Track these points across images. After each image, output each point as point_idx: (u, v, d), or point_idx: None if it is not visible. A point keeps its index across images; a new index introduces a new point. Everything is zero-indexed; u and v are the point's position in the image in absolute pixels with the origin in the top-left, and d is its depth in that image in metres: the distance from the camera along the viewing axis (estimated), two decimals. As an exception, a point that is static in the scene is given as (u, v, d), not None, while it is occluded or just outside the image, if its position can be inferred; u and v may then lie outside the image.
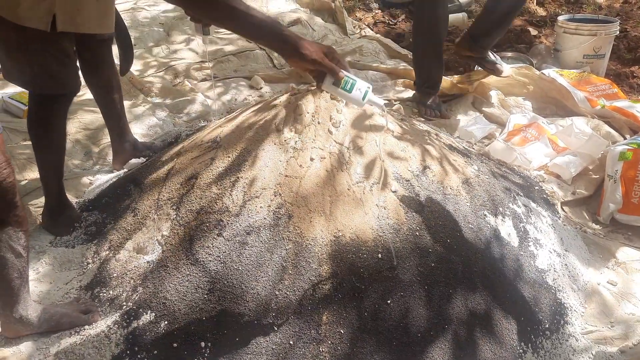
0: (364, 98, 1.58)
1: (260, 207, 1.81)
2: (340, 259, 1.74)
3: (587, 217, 2.53)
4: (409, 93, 3.47)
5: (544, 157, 2.77)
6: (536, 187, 2.51)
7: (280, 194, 1.82)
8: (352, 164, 1.87)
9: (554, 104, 3.36)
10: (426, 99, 3.26)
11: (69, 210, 2.24)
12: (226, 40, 3.88)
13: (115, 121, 2.59)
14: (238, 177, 1.87)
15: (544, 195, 2.48)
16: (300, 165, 1.85)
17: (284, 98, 2.05)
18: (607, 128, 3.02)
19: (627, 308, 2.05)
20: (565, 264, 2.11)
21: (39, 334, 1.78)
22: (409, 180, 1.91)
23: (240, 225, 1.79)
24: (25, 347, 1.77)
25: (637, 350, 1.92)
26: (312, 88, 2.01)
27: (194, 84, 3.43)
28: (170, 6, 3.88)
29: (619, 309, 2.04)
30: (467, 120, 3.13)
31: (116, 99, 2.53)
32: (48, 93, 2.08)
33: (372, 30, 4.31)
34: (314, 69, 1.54)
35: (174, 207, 1.92)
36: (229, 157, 1.94)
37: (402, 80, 3.55)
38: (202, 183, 1.92)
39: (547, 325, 1.88)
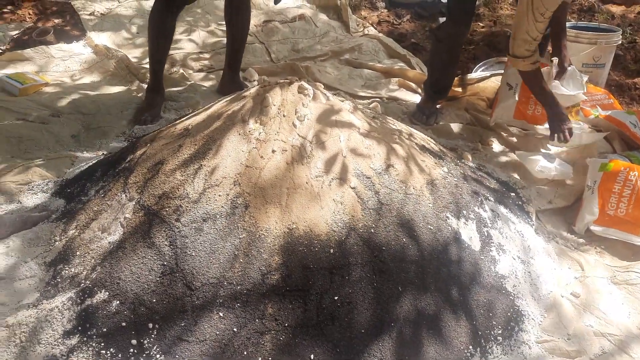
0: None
1: (219, 195, 1.83)
2: (291, 251, 1.75)
3: (562, 227, 2.51)
4: (402, 92, 3.46)
5: None
6: (512, 194, 2.49)
7: (239, 184, 1.85)
8: (313, 158, 1.88)
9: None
10: (423, 102, 3.25)
11: (160, 93, 3.07)
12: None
13: (234, 56, 3.23)
14: (201, 165, 1.90)
15: (519, 202, 2.46)
16: (262, 157, 1.87)
17: (254, 90, 2.07)
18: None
19: (588, 321, 2.03)
20: (529, 272, 2.09)
21: None
22: (369, 178, 1.92)
23: (197, 212, 1.82)
24: (-15, 315, 1.83)
25: (593, 364, 1.90)
26: (281, 82, 2.02)
27: (189, 73, 3.47)
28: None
29: (579, 322, 2.02)
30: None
31: (243, 38, 3.22)
32: None
33: (376, 29, 4.31)
34: None
35: (139, 191, 1.95)
36: (195, 145, 1.97)
37: (397, 79, 3.54)
38: (167, 169, 1.95)
39: (499, 331, 1.87)
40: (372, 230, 1.83)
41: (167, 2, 2.88)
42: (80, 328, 1.72)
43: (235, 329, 1.67)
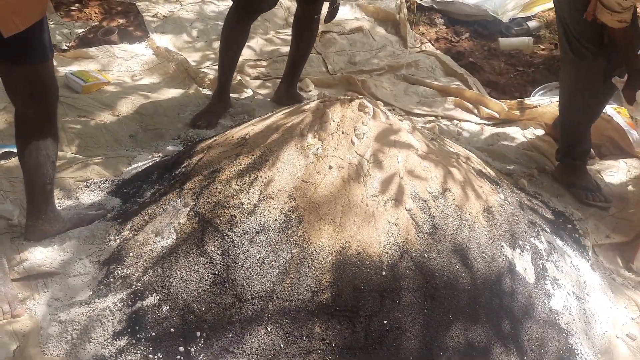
0: None
1: (273, 208, 1.84)
2: (343, 270, 1.74)
3: (620, 263, 2.41)
4: (458, 112, 3.40)
5: None
6: (568, 225, 2.41)
7: (294, 198, 1.84)
8: (370, 177, 1.87)
9: (609, 143, 3.20)
10: (577, 176, 2.68)
11: (224, 102, 3.07)
12: (284, 41, 3.94)
13: (294, 68, 3.21)
14: (257, 176, 1.91)
15: (576, 235, 2.38)
16: (318, 172, 1.87)
17: (314, 104, 2.07)
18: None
19: (644, 365, 1.94)
20: (584, 309, 2.02)
21: (50, 300, 1.88)
22: (425, 201, 1.89)
23: (251, 223, 1.82)
24: (40, 309, 1.88)
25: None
26: (342, 98, 2.02)
27: (245, 80, 3.51)
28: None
29: (634, 365, 1.94)
30: None
31: (306, 53, 3.19)
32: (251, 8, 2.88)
33: (433, 45, 4.26)
34: None
35: (194, 197, 1.98)
36: (252, 155, 1.98)
37: (452, 98, 3.49)
38: (223, 177, 1.97)
39: (550, 369, 1.81)
40: (426, 255, 1.79)
41: (244, 10, 2.87)
42: (129, 330, 1.75)
43: (282, 345, 1.66)
